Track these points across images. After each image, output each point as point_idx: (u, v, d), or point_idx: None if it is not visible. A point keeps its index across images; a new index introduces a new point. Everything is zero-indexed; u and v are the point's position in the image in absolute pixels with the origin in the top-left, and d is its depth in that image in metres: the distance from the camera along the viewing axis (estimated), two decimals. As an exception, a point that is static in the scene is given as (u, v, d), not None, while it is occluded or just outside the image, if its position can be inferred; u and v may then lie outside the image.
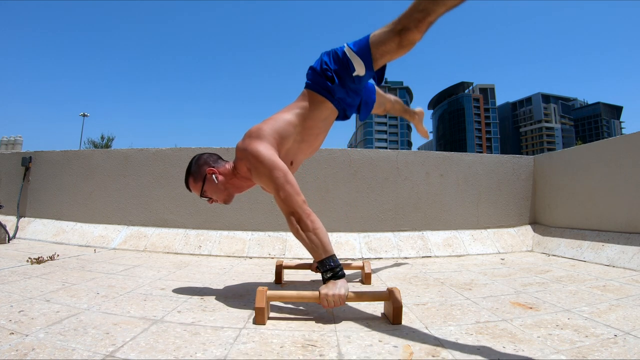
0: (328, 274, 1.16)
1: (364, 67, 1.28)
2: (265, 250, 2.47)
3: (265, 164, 1.23)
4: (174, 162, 2.81)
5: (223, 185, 1.38)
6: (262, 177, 1.26)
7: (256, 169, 1.26)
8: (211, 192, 1.39)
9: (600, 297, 1.35)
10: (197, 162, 1.40)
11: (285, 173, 1.23)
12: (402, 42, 1.19)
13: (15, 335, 0.92)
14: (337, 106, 1.38)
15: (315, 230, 1.18)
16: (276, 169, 1.23)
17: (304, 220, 1.19)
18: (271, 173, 1.22)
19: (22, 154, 3.22)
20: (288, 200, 1.21)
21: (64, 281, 1.54)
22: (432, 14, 1.12)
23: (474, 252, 2.56)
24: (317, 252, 1.18)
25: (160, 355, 0.84)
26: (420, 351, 0.88)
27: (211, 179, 1.37)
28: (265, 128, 1.31)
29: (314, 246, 1.18)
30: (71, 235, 2.77)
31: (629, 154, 2.21)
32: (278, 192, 1.22)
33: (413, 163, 2.82)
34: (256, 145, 1.26)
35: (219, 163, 1.41)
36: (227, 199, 1.42)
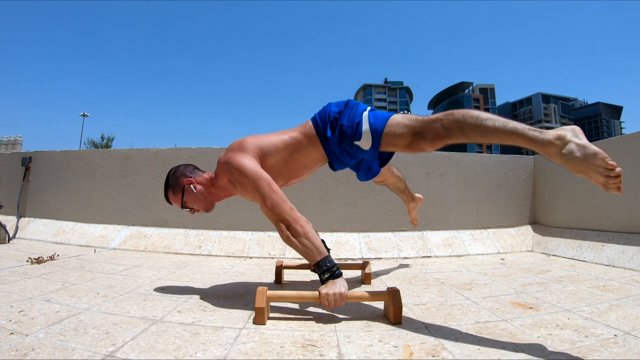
0: (325, 274, 1.16)
1: (370, 143, 1.21)
2: (265, 250, 2.47)
3: (249, 175, 1.23)
4: (174, 162, 2.81)
5: (202, 194, 1.39)
6: (246, 189, 1.26)
7: (240, 182, 1.26)
8: (191, 202, 1.39)
9: (600, 297, 1.35)
10: (174, 175, 1.40)
11: (269, 182, 1.23)
12: (412, 144, 1.16)
13: (15, 335, 0.92)
14: (327, 155, 1.34)
15: (306, 235, 1.18)
16: (260, 179, 1.23)
17: (293, 226, 1.19)
18: (256, 184, 1.23)
19: (22, 154, 3.22)
20: (275, 209, 1.21)
21: (64, 281, 1.54)
22: (453, 138, 1.08)
23: (474, 252, 2.56)
24: (311, 256, 1.18)
25: (160, 355, 0.84)
26: (420, 351, 0.88)
27: (190, 189, 1.37)
28: (248, 141, 1.32)
29: (307, 250, 1.18)
30: (71, 235, 2.77)
31: (629, 154, 2.21)
32: (265, 202, 1.22)
33: (413, 163, 2.82)
34: (238, 157, 1.26)
35: (195, 173, 1.42)
36: (208, 207, 1.43)
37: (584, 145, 0.92)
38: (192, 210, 1.42)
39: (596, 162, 0.90)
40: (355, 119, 1.24)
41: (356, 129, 1.23)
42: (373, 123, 1.21)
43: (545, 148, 0.96)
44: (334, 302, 1.10)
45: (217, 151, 2.77)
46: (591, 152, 0.90)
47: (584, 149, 0.91)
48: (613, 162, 0.88)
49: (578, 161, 0.92)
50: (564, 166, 0.96)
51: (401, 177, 1.78)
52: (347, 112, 1.27)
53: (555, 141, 0.95)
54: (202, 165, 2.77)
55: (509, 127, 1.00)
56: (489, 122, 1.03)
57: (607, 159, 0.88)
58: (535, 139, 0.97)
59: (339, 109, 1.29)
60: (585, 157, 0.91)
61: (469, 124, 1.05)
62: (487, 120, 1.03)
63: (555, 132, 0.97)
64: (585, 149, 0.91)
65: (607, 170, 0.89)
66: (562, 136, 0.95)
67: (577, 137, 0.95)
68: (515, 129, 1.00)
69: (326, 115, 1.31)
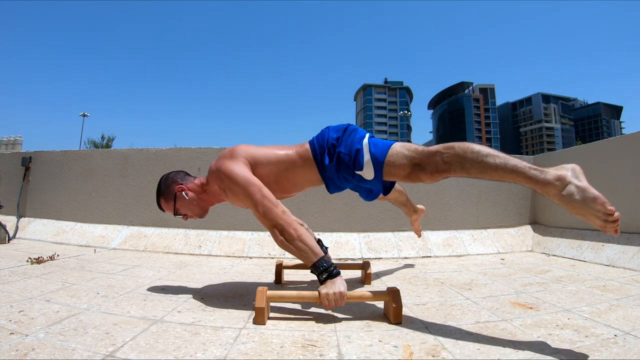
0: (323, 275, 1.16)
1: (373, 174, 1.21)
2: (265, 250, 2.47)
3: (240, 182, 1.23)
4: (174, 162, 2.81)
5: (194, 200, 1.39)
6: (238, 196, 1.26)
7: (230, 189, 1.26)
8: (184, 209, 1.40)
9: (600, 297, 1.35)
10: (165, 182, 1.40)
11: (260, 187, 1.23)
12: (410, 175, 1.16)
13: (15, 335, 0.92)
14: (324, 180, 1.33)
15: (300, 237, 1.18)
16: (251, 185, 1.23)
17: (287, 230, 1.19)
18: (247, 190, 1.22)
19: (22, 154, 3.22)
20: (268, 214, 1.21)
21: (64, 281, 1.54)
22: (453, 172, 1.09)
23: (474, 252, 2.56)
24: (307, 258, 1.18)
25: (160, 355, 0.84)
26: (420, 351, 0.88)
27: (181, 196, 1.37)
28: (240, 148, 1.32)
29: (303, 252, 1.18)
30: (71, 235, 2.77)
31: (629, 154, 2.21)
32: (257, 208, 1.22)
33: (413, 163, 2.81)
34: (229, 164, 1.27)
35: (186, 179, 1.42)
36: (200, 213, 1.43)
37: (583, 188, 0.94)
38: (185, 217, 1.42)
39: (595, 207, 0.91)
40: (354, 147, 1.23)
41: (355, 157, 1.22)
42: (374, 152, 1.20)
43: (545, 188, 0.98)
44: (335, 302, 1.11)
45: (217, 151, 2.77)
46: (591, 196, 0.91)
47: (583, 192, 0.93)
48: (612, 207, 0.89)
49: (577, 204, 0.93)
50: (563, 207, 0.97)
51: (402, 190, 1.74)
52: (346, 139, 1.26)
53: (555, 182, 0.96)
54: (203, 165, 2.77)
55: (510, 165, 1.01)
56: (490, 159, 1.04)
57: (606, 204, 0.89)
58: (535, 179, 0.99)
59: (337, 135, 1.28)
60: (584, 201, 0.92)
61: (470, 159, 1.05)
62: (488, 157, 1.04)
63: (555, 173, 0.98)
64: (585, 192, 0.93)
65: (605, 215, 0.90)
66: (562, 177, 0.96)
67: (578, 178, 0.96)
68: (516, 168, 1.00)
69: (324, 140, 1.29)
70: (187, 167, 2.78)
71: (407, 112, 60.67)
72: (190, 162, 2.79)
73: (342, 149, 1.25)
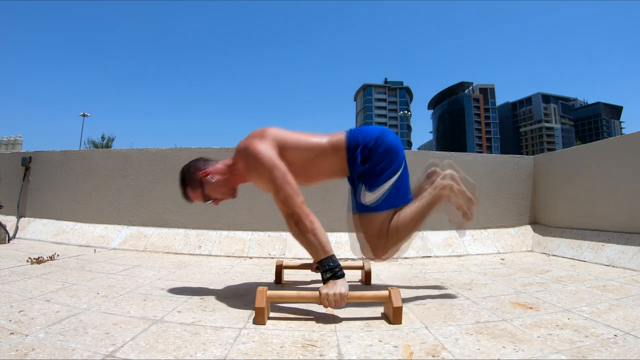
0: (328, 274, 1.16)
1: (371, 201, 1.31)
2: (265, 250, 2.47)
3: (265, 163, 1.23)
4: (174, 162, 2.81)
5: (221, 182, 1.38)
6: (261, 177, 1.26)
7: (255, 169, 1.26)
8: (213, 192, 1.38)
9: (600, 297, 1.35)
10: (188, 172, 1.40)
11: (285, 173, 1.23)
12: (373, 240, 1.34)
13: (15, 335, 0.92)
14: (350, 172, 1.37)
15: (314, 231, 1.18)
16: (276, 168, 1.23)
17: (303, 221, 1.19)
18: (271, 173, 1.22)
19: (22, 154, 3.22)
20: (287, 201, 1.21)
21: (64, 281, 1.54)
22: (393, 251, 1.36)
23: (474, 252, 2.56)
24: (316, 253, 1.18)
25: (160, 355, 0.84)
26: (420, 351, 0.88)
27: (207, 181, 1.37)
28: (270, 131, 1.31)
29: (313, 247, 1.18)
30: (71, 235, 2.77)
31: (629, 154, 2.21)
32: (277, 193, 1.22)
33: (413, 163, 2.78)
34: (257, 144, 1.26)
35: (208, 164, 1.41)
36: (231, 193, 1.42)
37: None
38: (215, 201, 1.40)
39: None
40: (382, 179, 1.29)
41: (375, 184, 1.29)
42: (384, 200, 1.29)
43: None
44: (334, 303, 1.11)
45: (216, 151, 2.77)
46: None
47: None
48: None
49: None
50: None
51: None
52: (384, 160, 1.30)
53: None
54: (202, 165, 2.77)
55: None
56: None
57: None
58: None
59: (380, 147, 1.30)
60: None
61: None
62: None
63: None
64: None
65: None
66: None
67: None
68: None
69: (365, 139, 1.31)
70: (187, 167, 2.78)
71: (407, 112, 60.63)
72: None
73: (375, 167, 1.29)
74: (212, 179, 1.36)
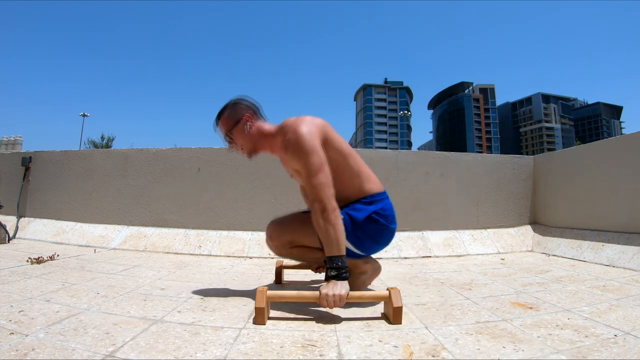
0: (333, 272, 1.16)
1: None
2: (265, 250, 2.47)
3: (306, 146, 1.22)
4: (174, 162, 2.81)
5: (252, 137, 1.36)
6: (298, 157, 1.24)
7: (293, 148, 1.24)
8: (238, 138, 1.36)
9: (600, 297, 1.35)
10: (237, 105, 1.38)
11: (323, 162, 1.23)
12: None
13: (15, 335, 0.92)
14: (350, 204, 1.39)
15: (335, 227, 1.18)
16: (315, 153, 1.22)
17: (328, 212, 1.18)
18: (309, 156, 1.21)
19: (22, 154, 3.22)
20: (320, 188, 1.20)
21: (64, 281, 1.54)
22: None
23: (474, 252, 2.56)
24: (330, 247, 1.18)
25: (160, 355, 0.84)
26: (420, 351, 0.88)
27: (244, 126, 1.35)
28: (321, 122, 1.32)
29: (330, 240, 1.17)
30: (71, 235, 2.77)
31: (629, 154, 2.21)
32: (311, 178, 1.21)
33: (413, 163, 2.82)
34: (304, 126, 1.26)
35: (257, 116, 1.39)
36: (251, 151, 1.40)
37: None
38: (231, 145, 1.38)
39: None
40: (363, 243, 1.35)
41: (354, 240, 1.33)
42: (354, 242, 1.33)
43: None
44: (333, 304, 1.11)
45: (216, 151, 2.77)
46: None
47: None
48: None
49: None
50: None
51: None
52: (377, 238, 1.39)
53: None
54: (203, 165, 2.77)
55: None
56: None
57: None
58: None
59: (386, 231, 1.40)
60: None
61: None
62: None
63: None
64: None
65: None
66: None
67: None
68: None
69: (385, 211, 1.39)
70: (187, 167, 2.78)
71: (407, 112, 60.62)
72: (190, 162, 2.79)
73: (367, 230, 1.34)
74: (248, 127, 1.35)
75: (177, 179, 2.78)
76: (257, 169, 2.70)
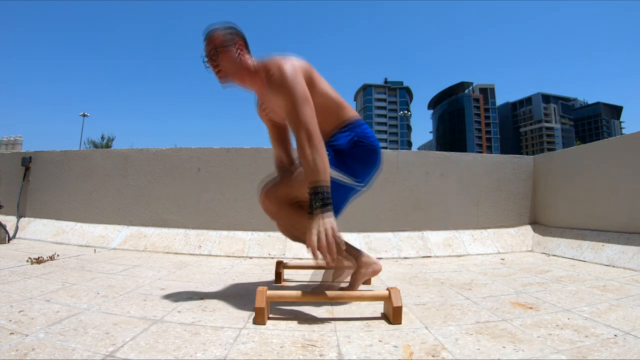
0: (318, 202, 1.12)
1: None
2: (265, 250, 2.47)
3: (291, 79, 1.19)
4: (174, 162, 2.81)
5: (237, 65, 1.32)
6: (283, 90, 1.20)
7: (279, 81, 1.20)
8: (224, 58, 1.31)
9: (600, 297, 1.35)
10: (233, 29, 1.34)
11: (307, 93, 1.20)
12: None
13: (15, 335, 0.92)
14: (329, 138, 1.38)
15: (322, 155, 1.16)
16: (300, 86, 1.20)
17: (315, 138, 1.16)
18: (294, 89, 1.18)
19: (22, 154, 3.22)
20: (306, 117, 1.17)
21: (64, 281, 1.54)
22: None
23: (474, 252, 2.56)
24: (315, 174, 1.14)
25: (160, 355, 0.84)
26: (420, 351, 0.88)
27: (235, 51, 1.31)
28: (306, 64, 1.30)
29: (317, 168, 1.14)
30: (71, 235, 2.77)
31: (629, 154, 2.21)
32: (297, 108, 1.17)
33: (413, 163, 2.82)
34: (288, 62, 1.23)
35: (247, 49, 1.36)
36: (228, 78, 1.35)
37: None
38: (213, 66, 1.33)
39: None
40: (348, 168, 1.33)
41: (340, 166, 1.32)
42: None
43: None
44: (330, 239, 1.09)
45: (216, 151, 2.77)
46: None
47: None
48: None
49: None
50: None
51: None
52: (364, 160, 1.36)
53: None
54: (203, 165, 2.77)
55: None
56: None
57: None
58: None
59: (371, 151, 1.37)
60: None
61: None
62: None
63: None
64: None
65: None
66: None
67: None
68: None
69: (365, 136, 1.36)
70: (187, 167, 2.78)
71: (407, 112, 60.61)
72: (190, 162, 2.79)
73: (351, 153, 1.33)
74: (238, 55, 1.31)
75: (177, 179, 2.78)
76: (257, 169, 2.70)
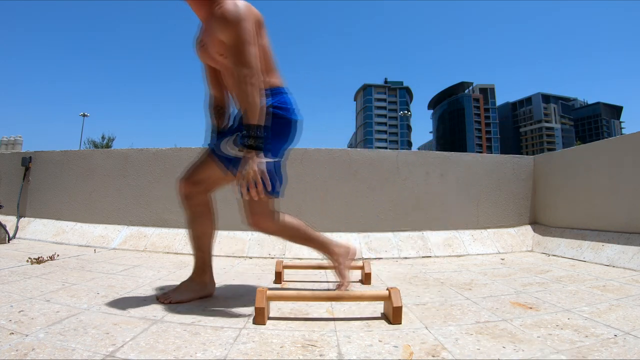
0: (251, 140, 1.12)
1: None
2: (265, 250, 2.47)
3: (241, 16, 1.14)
4: (174, 162, 2.81)
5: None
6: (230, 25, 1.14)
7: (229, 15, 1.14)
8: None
9: (600, 297, 1.36)
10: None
11: (255, 37, 1.16)
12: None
13: (15, 335, 0.92)
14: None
15: (261, 97, 1.14)
16: (249, 24, 1.15)
17: (256, 76, 1.13)
18: (242, 25, 1.13)
19: (22, 154, 3.22)
20: (250, 55, 1.13)
21: (64, 281, 1.54)
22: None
23: (474, 252, 2.56)
24: (252, 112, 1.12)
25: (160, 355, 0.84)
26: (420, 351, 0.88)
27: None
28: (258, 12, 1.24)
29: (253, 106, 1.12)
30: (71, 235, 2.77)
31: (629, 154, 2.21)
32: (242, 45, 1.13)
33: (413, 163, 2.82)
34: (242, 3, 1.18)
35: None
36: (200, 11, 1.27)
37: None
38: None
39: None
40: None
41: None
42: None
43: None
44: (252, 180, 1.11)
45: (217, 151, 2.77)
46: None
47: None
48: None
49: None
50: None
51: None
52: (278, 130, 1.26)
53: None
54: (202, 165, 2.77)
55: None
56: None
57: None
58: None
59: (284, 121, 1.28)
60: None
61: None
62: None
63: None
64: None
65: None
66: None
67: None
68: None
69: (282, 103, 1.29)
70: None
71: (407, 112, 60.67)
72: (190, 162, 2.78)
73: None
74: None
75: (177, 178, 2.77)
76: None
